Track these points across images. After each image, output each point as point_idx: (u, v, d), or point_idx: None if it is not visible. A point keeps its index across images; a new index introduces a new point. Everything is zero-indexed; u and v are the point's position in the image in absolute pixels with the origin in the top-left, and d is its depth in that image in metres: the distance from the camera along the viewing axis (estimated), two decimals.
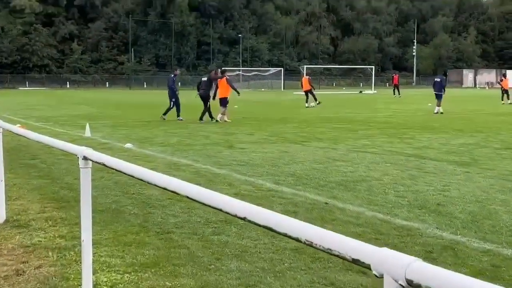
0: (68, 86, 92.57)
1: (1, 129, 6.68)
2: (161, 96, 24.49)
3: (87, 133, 16.55)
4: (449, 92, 67.48)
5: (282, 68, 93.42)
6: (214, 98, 22.58)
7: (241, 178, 9.70)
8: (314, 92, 34.92)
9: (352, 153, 12.97)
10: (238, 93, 23.51)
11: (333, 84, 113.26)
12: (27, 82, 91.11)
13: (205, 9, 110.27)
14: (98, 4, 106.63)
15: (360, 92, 72.16)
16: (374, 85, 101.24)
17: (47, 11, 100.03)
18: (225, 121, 21.99)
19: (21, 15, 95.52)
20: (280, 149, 13.69)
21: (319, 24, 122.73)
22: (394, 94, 54.24)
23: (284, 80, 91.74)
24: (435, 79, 29.44)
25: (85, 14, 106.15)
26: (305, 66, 74.29)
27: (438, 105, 27.65)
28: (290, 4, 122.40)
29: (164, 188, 2.95)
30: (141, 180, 3.34)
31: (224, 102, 22.31)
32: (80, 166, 4.15)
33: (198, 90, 22.81)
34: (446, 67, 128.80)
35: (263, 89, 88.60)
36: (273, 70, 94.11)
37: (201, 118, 22.36)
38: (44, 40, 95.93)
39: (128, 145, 14.18)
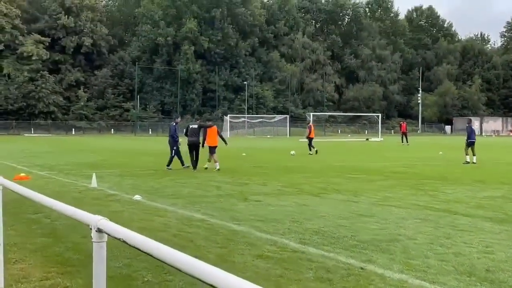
0: (73, 132, 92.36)
1: (1, 186, 5.91)
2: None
3: (94, 183, 15.79)
4: (457, 140, 66.87)
5: (287, 115, 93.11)
6: (203, 145, 22.26)
7: (262, 236, 8.89)
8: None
9: (376, 207, 12.16)
10: (226, 143, 23.11)
11: (338, 131, 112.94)
12: (32, 129, 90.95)
13: (211, 57, 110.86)
14: (104, 51, 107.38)
15: (367, 139, 71.64)
16: (381, 132, 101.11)
17: (54, 58, 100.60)
18: (218, 169, 21.63)
19: (28, 62, 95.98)
20: (298, 202, 12.90)
21: (323, 71, 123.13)
22: (402, 142, 53.56)
23: (289, 127, 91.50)
24: (471, 127, 27.81)
25: (91, 61, 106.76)
26: (311, 114, 74.14)
27: (474, 154, 26.39)
28: (295, 52, 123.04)
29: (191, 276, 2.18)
30: (172, 266, 2.56)
31: (215, 149, 22.15)
32: (93, 240, 3.37)
33: (187, 136, 22.40)
34: (451, 114, 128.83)
35: (268, 136, 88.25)
36: (278, 117, 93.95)
37: (194, 167, 21.93)
38: (50, 87, 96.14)
39: (137, 197, 13.39)
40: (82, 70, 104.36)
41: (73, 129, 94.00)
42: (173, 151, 22.36)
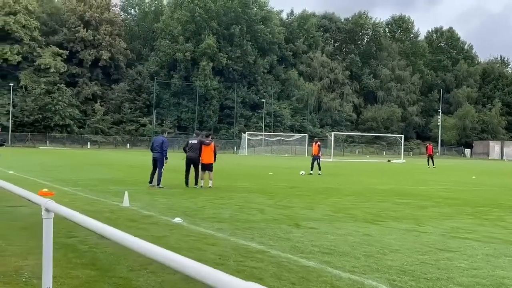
0: (88, 146, 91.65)
1: (53, 214, 4.60)
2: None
3: (126, 202, 14.49)
4: (481, 164, 65.32)
5: (306, 134, 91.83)
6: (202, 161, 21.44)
7: (341, 275, 7.50)
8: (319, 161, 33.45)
9: (449, 239, 10.74)
10: (215, 160, 21.76)
11: (356, 151, 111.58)
12: (47, 141, 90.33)
13: (229, 73, 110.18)
14: (122, 65, 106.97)
15: (388, 161, 70.12)
16: (398, 154, 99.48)
17: (71, 71, 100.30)
18: (209, 186, 20.90)
19: (45, 74, 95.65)
20: (358, 230, 11.51)
21: (342, 91, 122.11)
22: (428, 164, 52.03)
23: (308, 146, 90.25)
24: None
25: (109, 75, 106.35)
26: (332, 133, 72.86)
27: None
28: (313, 70, 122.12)
29: None
30: None
31: (210, 167, 21.30)
32: None
33: (185, 152, 21.57)
34: (470, 138, 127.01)
35: (286, 155, 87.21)
36: (297, 136, 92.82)
37: (196, 183, 21.10)
38: (66, 100, 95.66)
39: (177, 219, 12.06)
40: (99, 84, 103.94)
41: (89, 143, 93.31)
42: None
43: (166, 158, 20.97)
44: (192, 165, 21.44)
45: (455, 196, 20.77)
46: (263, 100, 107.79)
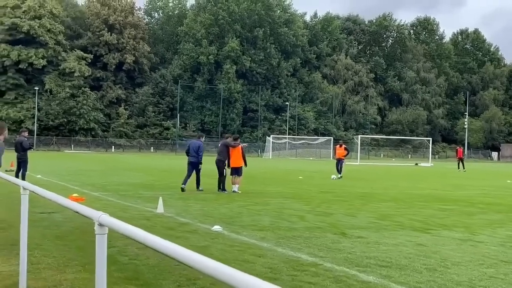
0: (112, 150, 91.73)
1: (107, 229, 4.01)
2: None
3: (160, 208, 13.94)
4: (509, 167, 63.95)
5: (331, 138, 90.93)
6: (229, 166, 20.72)
7: None
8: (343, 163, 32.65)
9: (510, 249, 10.02)
10: (246, 164, 21.05)
11: (381, 155, 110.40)
12: (72, 145, 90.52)
13: (252, 76, 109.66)
14: (146, 69, 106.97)
15: (416, 164, 69.01)
16: (424, 157, 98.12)
17: (95, 75, 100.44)
18: (237, 192, 20.30)
19: (70, 78, 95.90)
20: (409, 239, 10.81)
21: (366, 93, 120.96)
22: (458, 168, 50.89)
23: (332, 149, 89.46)
24: None
25: (133, 79, 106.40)
26: (359, 136, 71.93)
27: None
28: (337, 73, 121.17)
29: None
30: None
31: (239, 171, 20.61)
32: None
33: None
34: (497, 141, 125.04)
35: (311, 158, 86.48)
36: (322, 139, 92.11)
37: (223, 189, 20.46)
38: (91, 104, 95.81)
39: (216, 227, 11.46)
40: (123, 88, 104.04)
41: (113, 147, 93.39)
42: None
43: (201, 163, 20.48)
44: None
45: (497, 201, 19.94)
46: (286, 103, 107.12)
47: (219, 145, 21.56)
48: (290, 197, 19.25)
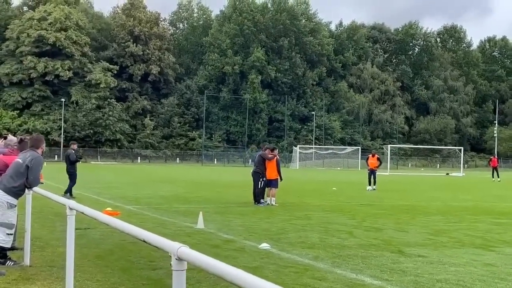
0: (139, 161, 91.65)
1: (186, 264, 3.30)
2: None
3: (200, 223, 13.25)
4: None
5: (359, 147, 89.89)
6: (265, 177, 19.99)
7: None
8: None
9: None
10: (281, 178, 20.35)
11: (408, 164, 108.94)
12: (98, 156, 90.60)
13: (278, 86, 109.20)
14: (171, 80, 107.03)
15: (447, 174, 67.71)
16: (454, 167, 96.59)
17: (121, 86, 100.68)
18: (274, 205, 19.60)
19: (96, 89, 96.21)
20: (475, 258, 9.96)
21: (393, 102, 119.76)
22: (492, 177, 49.61)
23: (360, 159, 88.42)
24: None
25: (158, 89, 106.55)
26: (389, 146, 70.85)
27: None
28: (363, 82, 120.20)
29: None
30: None
31: (275, 183, 20.01)
32: None
33: None
34: None
35: (339, 168, 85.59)
36: (349, 148, 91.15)
37: (259, 201, 19.74)
38: (117, 115, 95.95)
39: (264, 245, 10.71)
40: (148, 98, 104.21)
41: (139, 158, 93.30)
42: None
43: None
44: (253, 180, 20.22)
45: None
46: (312, 112, 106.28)
47: (256, 155, 20.95)
48: (331, 210, 18.51)
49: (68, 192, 20.59)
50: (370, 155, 32.79)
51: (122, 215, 14.51)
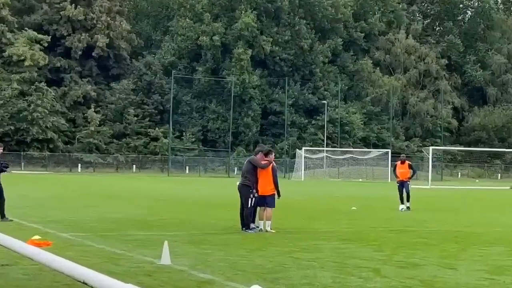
0: (79, 169, 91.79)
1: None
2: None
3: (165, 258, 13.27)
4: None
5: (389, 150, 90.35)
6: (257, 192, 20.05)
7: None
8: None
9: None
10: (279, 194, 20.40)
11: (457, 174, 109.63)
12: (22, 163, 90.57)
13: (275, 65, 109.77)
14: (125, 55, 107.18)
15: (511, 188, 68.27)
16: None
17: (54, 65, 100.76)
18: (269, 231, 19.85)
19: (18, 69, 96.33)
20: None
21: (436, 88, 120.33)
22: None
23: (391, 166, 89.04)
24: None
25: (106, 69, 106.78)
26: (430, 148, 71.18)
27: None
28: (395, 59, 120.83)
29: None
30: None
31: (270, 200, 20.04)
32: None
33: None
34: None
35: (360, 180, 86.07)
36: (375, 152, 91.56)
37: (247, 226, 19.86)
38: (48, 105, 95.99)
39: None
40: (93, 82, 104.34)
41: (80, 165, 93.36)
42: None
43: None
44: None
45: None
46: (323, 101, 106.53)
47: (245, 162, 21.08)
48: (350, 239, 18.70)
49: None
50: (399, 162, 33.02)
51: (55, 246, 14.59)
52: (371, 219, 25.87)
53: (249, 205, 19.97)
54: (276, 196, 20.24)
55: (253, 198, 19.97)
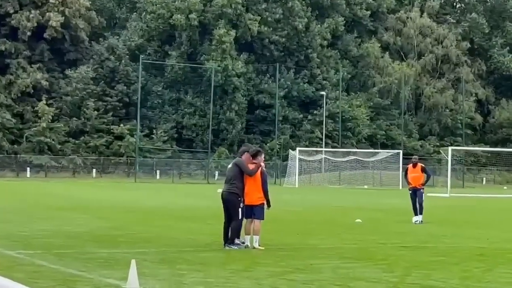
0: (28, 174, 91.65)
1: None
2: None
3: (133, 281, 13.32)
4: None
5: (400, 151, 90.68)
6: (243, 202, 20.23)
7: None
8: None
9: None
10: (269, 204, 20.54)
11: (482, 179, 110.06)
12: None
13: (263, 48, 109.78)
14: (83, 37, 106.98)
15: None
16: None
17: None
18: (257, 248, 19.99)
19: None
20: None
21: (456, 76, 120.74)
22: None
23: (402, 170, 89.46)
24: None
25: (61, 54, 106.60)
26: (449, 148, 71.37)
27: None
28: (407, 41, 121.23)
29: None
30: None
31: (262, 211, 20.28)
32: None
33: None
34: None
35: (365, 186, 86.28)
36: (384, 153, 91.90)
37: (231, 242, 20.01)
38: None
39: None
40: (45, 69, 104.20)
41: (28, 169, 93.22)
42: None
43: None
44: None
45: None
46: (322, 92, 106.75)
47: (229, 165, 21.21)
48: (354, 257, 18.89)
49: None
50: (410, 165, 33.04)
51: (0, 267, 14.66)
52: (379, 233, 26.09)
53: (239, 217, 20.01)
54: (265, 206, 20.35)
55: (239, 209, 20.07)
